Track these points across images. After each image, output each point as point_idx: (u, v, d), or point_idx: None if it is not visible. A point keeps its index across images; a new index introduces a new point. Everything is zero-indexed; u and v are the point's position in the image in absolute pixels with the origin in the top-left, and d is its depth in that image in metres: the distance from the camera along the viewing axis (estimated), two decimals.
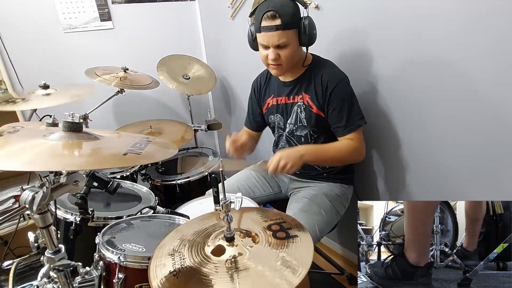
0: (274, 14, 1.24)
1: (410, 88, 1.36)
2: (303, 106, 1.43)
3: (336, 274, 1.96)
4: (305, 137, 1.49)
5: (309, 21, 1.27)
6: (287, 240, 0.86)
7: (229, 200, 0.81)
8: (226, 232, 0.84)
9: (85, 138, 0.76)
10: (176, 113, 2.75)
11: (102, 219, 1.21)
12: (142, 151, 0.72)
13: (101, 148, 0.71)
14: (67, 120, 0.74)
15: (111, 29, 2.37)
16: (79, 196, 1.05)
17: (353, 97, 1.38)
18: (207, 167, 2.03)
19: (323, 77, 1.36)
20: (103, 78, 2.00)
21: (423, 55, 1.27)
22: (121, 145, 0.77)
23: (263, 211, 1.06)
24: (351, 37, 1.55)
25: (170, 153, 0.77)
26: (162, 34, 2.56)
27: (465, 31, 1.12)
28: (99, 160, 0.66)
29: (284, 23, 1.24)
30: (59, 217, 1.18)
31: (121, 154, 0.67)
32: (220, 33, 2.51)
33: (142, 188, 1.54)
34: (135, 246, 1.01)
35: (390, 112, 1.47)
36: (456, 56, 1.17)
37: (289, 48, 1.30)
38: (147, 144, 0.80)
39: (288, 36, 1.27)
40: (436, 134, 1.33)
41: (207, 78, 2.43)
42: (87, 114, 1.99)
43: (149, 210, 1.28)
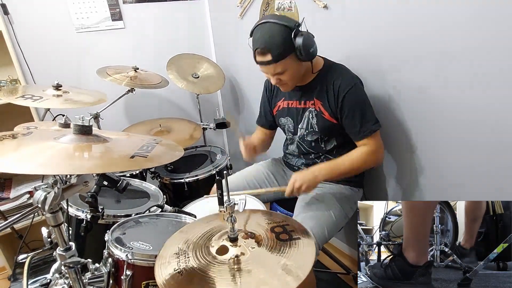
0: (263, 51, 1.25)
1: (417, 89, 1.36)
2: (314, 112, 1.44)
3: (342, 273, 1.96)
4: (316, 141, 1.50)
5: (303, 41, 1.22)
6: (290, 242, 0.88)
7: (233, 202, 0.83)
8: (230, 232, 0.86)
9: (95, 140, 0.79)
10: (185, 111, 2.79)
11: (111, 216, 1.24)
12: (148, 153, 0.74)
13: (110, 151, 0.74)
14: (77, 124, 0.77)
15: (122, 28, 2.40)
16: (89, 194, 1.09)
17: (366, 102, 1.37)
18: (215, 166, 2.05)
19: (334, 83, 1.36)
20: (114, 77, 2.04)
21: (428, 52, 1.27)
22: (128, 147, 0.80)
23: (269, 214, 1.08)
24: (362, 36, 1.53)
25: (176, 155, 0.80)
26: (172, 33, 2.59)
27: (478, 30, 1.11)
28: (108, 163, 0.69)
29: (275, 56, 1.24)
30: (71, 214, 1.22)
31: (129, 157, 0.70)
32: (229, 32, 2.52)
33: (151, 187, 1.57)
34: (142, 244, 1.04)
35: (401, 113, 1.46)
36: (456, 53, 1.16)
37: (288, 72, 1.31)
38: (154, 146, 0.82)
39: (283, 65, 1.27)
40: (441, 135, 1.32)
41: (216, 77, 2.45)
42: (98, 113, 2.04)
43: (157, 209, 1.31)
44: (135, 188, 1.56)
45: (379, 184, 1.70)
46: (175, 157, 0.78)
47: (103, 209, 1.16)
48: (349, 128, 1.39)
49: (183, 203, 1.98)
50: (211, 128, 2.36)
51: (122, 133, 0.97)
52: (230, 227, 0.85)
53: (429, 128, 1.36)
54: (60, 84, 1.67)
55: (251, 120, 2.62)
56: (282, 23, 1.23)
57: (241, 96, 2.68)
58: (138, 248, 1.02)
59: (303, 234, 0.92)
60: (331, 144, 1.49)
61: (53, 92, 1.65)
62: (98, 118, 2.05)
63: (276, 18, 1.25)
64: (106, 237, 1.06)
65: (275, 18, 1.25)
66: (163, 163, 0.63)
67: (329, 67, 1.42)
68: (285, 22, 1.23)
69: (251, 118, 2.60)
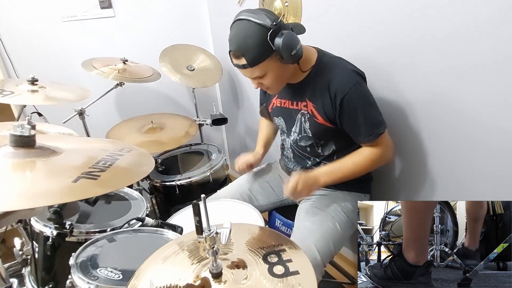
0: (237, 54, 1.09)
1: (417, 88, 1.25)
2: (307, 116, 1.26)
3: (347, 283, 1.82)
4: (311, 147, 1.33)
5: (283, 42, 1.04)
6: (285, 277, 0.71)
7: (214, 231, 0.66)
8: (212, 267, 0.70)
9: (39, 154, 0.62)
10: (180, 107, 2.62)
11: (84, 233, 1.09)
12: (102, 173, 0.57)
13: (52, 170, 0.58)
14: (14, 133, 0.60)
15: (111, 17, 2.24)
16: (52, 210, 0.92)
17: (369, 102, 1.19)
18: (209, 166, 1.89)
19: (330, 85, 1.16)
20: (101, 70, 1.89)
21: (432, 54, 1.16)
22: (81, 162, 0.63)
23: (261, 232, 0.92)
24: (366, 31, 1.37)
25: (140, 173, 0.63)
26: (166, 22, 2.41)
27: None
28: (32, 194, 0.51)
29: (250, 61, 1.08)
30: (36, 230, 1.07)
31: (71, 180, 0.53)
32: (228, 21, 2.33)
33: (133, 193, 1.40)
34: (111, 272, 0.88)
35: (409, 113, 1.32)
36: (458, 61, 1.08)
37: (269, 75, 1.15)
38: (116, 160, 0.65)
39: (262, 68, 1.11)
40: (440, 135, 1.23)
41: (213, 69, 2.28)
42: (83, 109, 1.89)
43: (136, 222, 1.15)
44: (117, 193, 1.40)
45: (387, 188, 1.56)
46: (138, 177, 0.61)
47: (71, 225, 1.00)
48: (351, 132, 1.22)
49: (175, 208, 1.84)
50: (208, 124, 2.20)
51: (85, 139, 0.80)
52: (212, 261, 0.68)
53: (432, 127, 1.26)
54: (36, 79, 1.50)
55: (251, 116, 2.47)
56: (257, 21, 1.04)
57: (241, 90, 2.51)
58: (105, 277, 0.86)
59: (301, 262, 0.76)
60: (330, 149, 1.31)
61: (28, 87, 1.48)
62: (84, 115, 1.90)
63: (253, 15, 1.05)
64: (70, 262, 0.91)
65: (251, 15, 1.05)
66: (116, 189, 0.51)
67: (322, 63, 1.21)
68: (260, 21, 1.04)
69: (251, 113, 2.45)
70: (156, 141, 1.97)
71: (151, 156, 0.74)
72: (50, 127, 1.40)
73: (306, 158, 1.38)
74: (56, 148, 0.65)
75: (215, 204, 1.39)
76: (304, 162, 1.40)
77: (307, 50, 1.21)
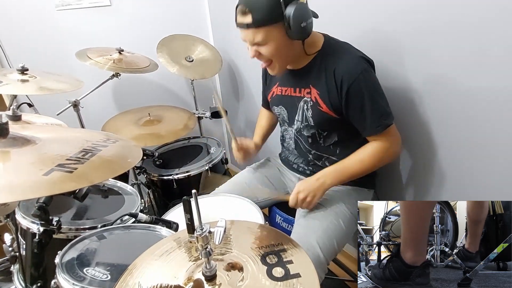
0: (244, 9, 1.03)
1: (416, 87, 1.20)
2: (310, 103, 1.19)
3: (349, 281, 1.79)
4: (313, 137, 1.26)
5: (295, 11, 1.00)
6: (285, 280, 0.65)
7: (207, 230, 0.60)
8: (205, 269, 0.64)
9: (10, 144, 0.56)
10: (178, 99, 2.56)
11: (73, 230, 1.03)
12: (79, 165, 0.51)
13: (23, 161, 0.51)
14: None
15: (107, 6, 2.17)
16: (36, 206, 0.86)
17: (377, 91, 1.12)
18: (208, 160, 1.83)
19: (336, 72, 1.10)
20: (96, 60, 1.82)
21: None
22: (59, 151, 0.56)
23: (260, 230, 0.85)
24: (374, 16, 1.29)
25: (122, 167, 0.56)
26: (164, 11, 2.33)
27: None
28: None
29: (256, 20, 1.02)
30: (23, 227, 1.01)
31: (42, 173, 0.46)
32: (229, 11, 2.25)
33: (126, 187, 1.34)
34: (99, 272, 0.82)
35: (418, 108, 1.25)
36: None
37: (270, 45, 1.08)
38: (98, 151, 0.59)
39: (265, 34, 1.05)
40: (441, 135, 1.20)
41: (212, 60, 2.21)
42: (78, 101, 1.83)
43: (129, 218, 1.09)
44: (110, 187, 1.34)
45: (393, 184, 1.49)
46: (121, 170, 0.55)
47: (59, 222, 0.94)
48: (357, 123, 1.16)
49: (173, 202, 1.79)
50: (207, 117, 2.14)
51: (70, 129, 0.73)
52: (205, 263, 0.62)
53: (430, 127, 1.22)
54: (26, 68, 1.44)
55: (251, 108, 2.39)
56: None
57: (241, 81, 2.43)
58: (92, 278, 0.80)
59: (302, 264, 0.70)
60: (332, 139, 1.25)
61: (17, 77, 1.42)
62: (78, 106, 1.84)
63: None
64: (56, 261, 0.85)
65: None
66: (93, 183, 0.46)
67: (329, 48, 1.15)
68: None
69: (252, 105, 2.38)
70: (154, 134, 1.92)
71: (139, 147, 0.67)
72: (38, 118, 1.34)
73: (307, 151, 1.32)
74: (33, 138, 0.58)
75: (214, 200, 1.33)
76: (305, 155, 1.33)
77: (314, 34, 1.14)
